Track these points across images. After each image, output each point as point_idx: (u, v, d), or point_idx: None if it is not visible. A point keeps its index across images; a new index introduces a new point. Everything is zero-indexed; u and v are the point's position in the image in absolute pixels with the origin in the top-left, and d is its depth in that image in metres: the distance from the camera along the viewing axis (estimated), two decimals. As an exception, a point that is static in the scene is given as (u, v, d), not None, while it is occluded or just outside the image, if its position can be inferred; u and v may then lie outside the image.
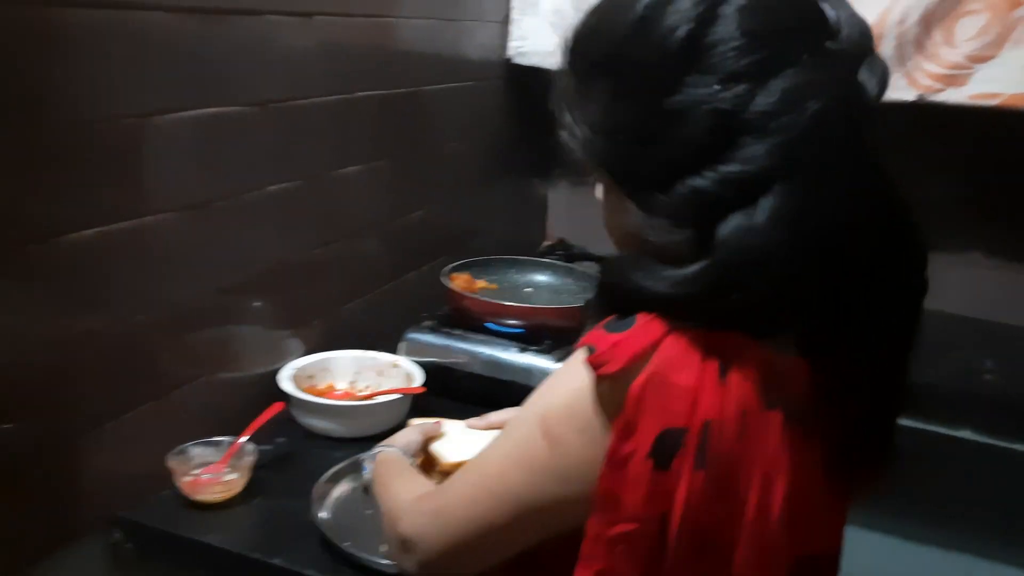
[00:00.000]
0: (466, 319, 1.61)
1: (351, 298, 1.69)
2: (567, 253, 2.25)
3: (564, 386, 0.74)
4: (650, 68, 0.69)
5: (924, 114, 1.86)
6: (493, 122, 2.20)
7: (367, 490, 1.15)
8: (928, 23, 1.79)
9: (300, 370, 1.51)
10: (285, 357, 1.52)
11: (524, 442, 0.76)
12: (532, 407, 0.78)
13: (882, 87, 0.70)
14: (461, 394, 1.58)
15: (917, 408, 1.81)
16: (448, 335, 1.58)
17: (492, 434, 0.98)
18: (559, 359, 1.50)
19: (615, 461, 0.70)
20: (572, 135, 0.76)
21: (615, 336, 0.71)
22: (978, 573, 2.09)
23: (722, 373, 0.69)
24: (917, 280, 0.76)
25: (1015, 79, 1.78)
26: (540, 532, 0.78)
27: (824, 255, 0.68)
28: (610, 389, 0.71)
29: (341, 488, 1.29)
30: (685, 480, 0.69)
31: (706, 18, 0.67)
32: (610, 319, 0.73)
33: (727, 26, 0.67)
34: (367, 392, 1.55)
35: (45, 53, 1.01)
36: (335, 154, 1.58)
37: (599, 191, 0.81)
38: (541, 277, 1.81)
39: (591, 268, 2.05)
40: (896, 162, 0.75)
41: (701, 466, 0.69)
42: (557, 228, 2.56)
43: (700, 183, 0.67)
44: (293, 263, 1.50)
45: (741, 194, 0.66)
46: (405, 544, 0.87)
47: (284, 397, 1.43)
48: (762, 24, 0.67)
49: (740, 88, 0.66)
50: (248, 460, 1.27)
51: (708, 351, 0.69)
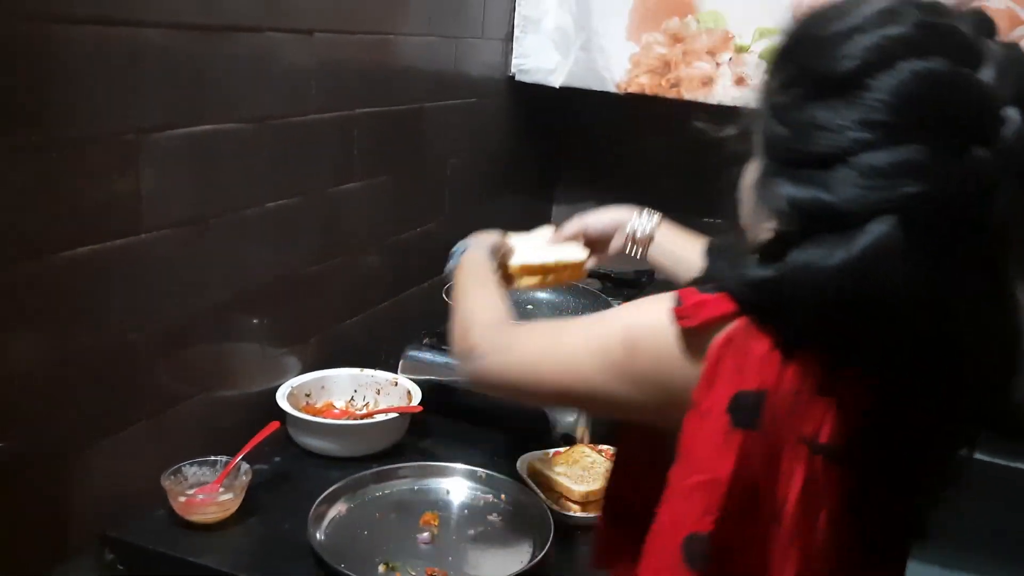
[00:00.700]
0: (465, 337, 1.59)
1: (350, 315, 1.68)
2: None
3: (650, 316, 0.80)
4: (809, 78, 0.73)
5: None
6: (495, 139, 2.20)
7: (447, 284, 1.28)
8: (930, 42, 1.79)
9: (297, 388, 1.50)
10: (282, 375, 1.51)
11: (604, 337, 0.83)
12: (621, 314, 0.89)
13: (1015, 210, 0.69)
14: (460, 413, 1.57)
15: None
16: (448, 353, 1.57)
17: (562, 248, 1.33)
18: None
19: (696, 415, 0.76)
20: (753, 107, 0.80)
21: (702, 296, 0.77)
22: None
23: (786, 360, 0.73)
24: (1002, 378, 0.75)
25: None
26: (577, 406, 0.99)
27: (886, 311, 0.69)
28: (687, 343, 0.77)
29: (338, 509, 1.27)
30: (750, 439, 0.74)
31: (878, 63, 0.69)
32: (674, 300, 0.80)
33: (888, 80, 0.69)
34: (365, 411, 1.54)
35: (42, 69, 1.00)
36: (335, 171, 1.57)
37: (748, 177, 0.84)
38: (542, 295, 1.80)
39: (593, 284, 2.04)
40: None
41: (757, 428, 0.74)
42: (558, 245, 2.55)
43: (798, 192, 0.71)
44: (291, 280, 1.49)
45: (824, 222, 0.70)
46: (470, 353, 0.97)
47: (281, 416, 1.42)
48: (917, 97, 0.68)
49: (863, 137, 0.69)
50: (244, 480, 1.26)
51: (787, 355, 0.74)
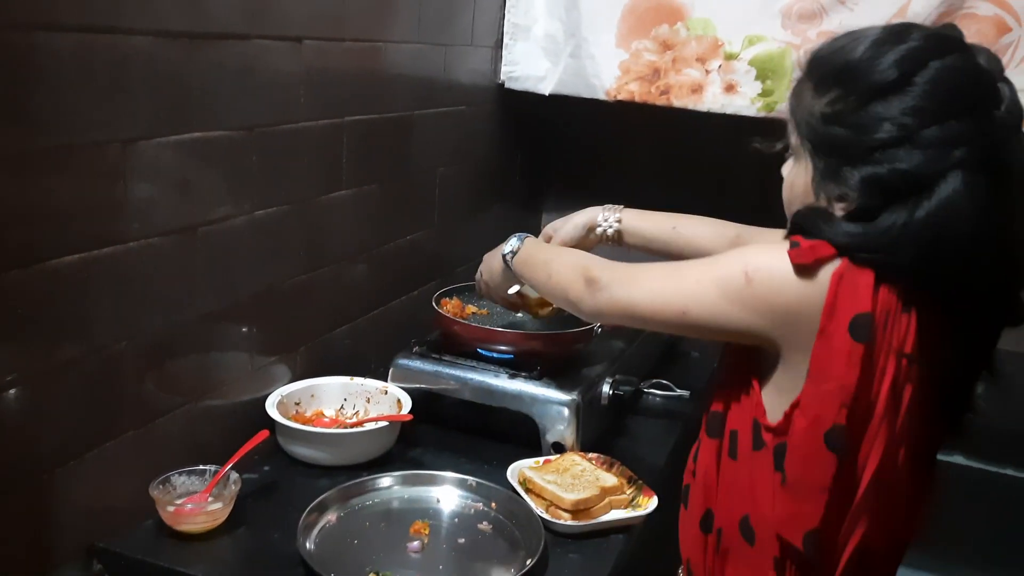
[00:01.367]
0: (456, 345, 1.59)
1: (339, 324, 1.67)
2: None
3: (767, 256, 0.98)
4: (859, 90, 0.96)
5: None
6: (484, 147, 2.20)
7: (507, 261, 1.43)
8: (918, 49, 1.80)
9: (287, 397, 1.49)
10: (272, 384, 1.50)
11: (725, 269, 1.00)
12: (737, 255, 1.02)
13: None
14: (451, 421, 1.57)
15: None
16: (438, 361, 1.57)
17: None
18: (550, 385, 1.48)
19: (824, 337, 0.94)
20: (797, 125, 1.03)
21: (811, 241, 0.96)
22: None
23: (877, 287, 0.94)
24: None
25: (1005, 104, 1.78)
26: (692, 330, 1.05)
27: (950, 244, 0.92)
28: (803, 275, 0.95)
29: (327, 518, 1.27)
30: (865, 351, 0.93)
31: (917, 63, 0.94)
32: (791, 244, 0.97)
33: (926, 74, 0.93)
34: (355, 419, 1.53)
35: (27, 77, 1.00)
36: (323, 179, 1.57)
37: (787, 167, 1.08)
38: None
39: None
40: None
41: (869, 341, 0.93)
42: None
43: (876, 170, 0.94)
44: (280, 289, 1.49)
45: (904, 186, 0.92)
46: (593, 283, 1.13)
47: (270, 425, 1.41)
48: (949, 83, 0.94)
49: (919, 119, 0.92)
50: (232, 489, 1.25)
51: (885, 287, 0.94)
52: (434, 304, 1.64)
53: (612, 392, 1.55)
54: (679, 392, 1.76)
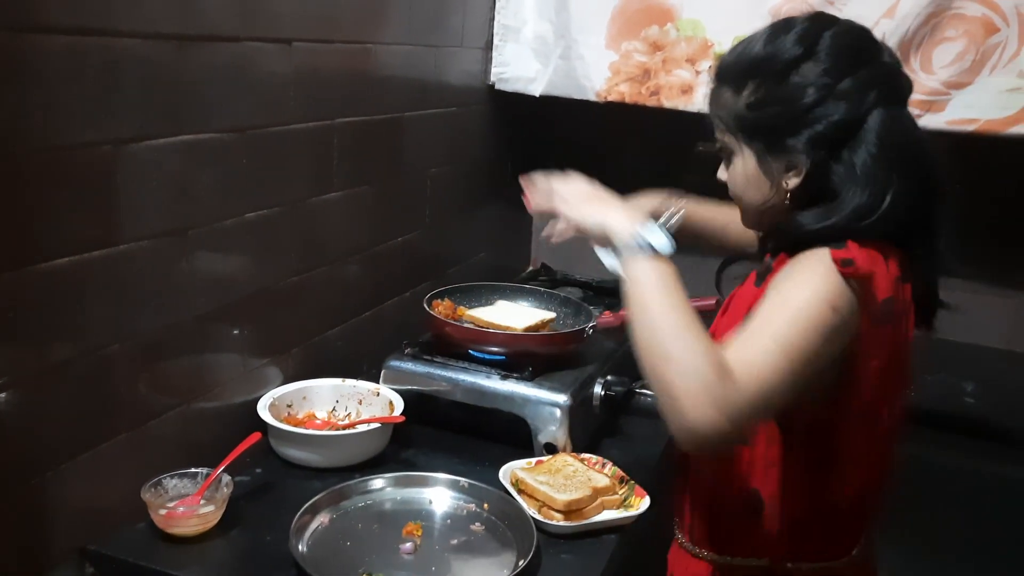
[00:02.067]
0: (448, 346, 1.59)
1: (331, 326, 1.67)
2: (550, 279, 2.24)
3: (830, 279, 1.04)
4: (772, 73, 1.09)
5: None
6: (475, 148, 2.20)
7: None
8: (907, 49, 1.81)
9: (279, 399, 1.49)
10: (263, 386, 1.50)
11: (818, 316, 1.03)
12: (811, 292, 1.04)
13: (909, 84, 1.15)
14: (443, 422, 1.57)
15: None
16: (430, 363, 1.57)
17: None
18: (541, 386, 1.49)
19: (868, 321, 1.06)
20: (726, 124, 1.14)
21: (850, 254, 1.04)
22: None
23: (886, 260, 1.08)
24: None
25: (991, 104, 1.79)
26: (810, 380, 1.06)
27: (905, 166, 1.07)
28: (855, 284, 1.04)
29: (320, 520, 1.27)
30: (891, 329, 1.10)
31: (814, 39, 1.08)
32: (834, 247, 1.05)
33: (827, 43, 1.08)
34: (347, 421, 1.53)
35: (18, 79, 0.99)
36: (315, 181, 1.57)
37: (723, 170, 1.19)
38: (524, 303, 1.80)
39: (574, 293, 2.04)
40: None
41: (892, 321, 1.09)
42: (540, 253, 2.55)
43: (815, 128, 1.07)
44: (271, 291, 1.48)
45: (841, 134, 1.07)
46: (725, 370, 1.00)
47: (262, 427, 1.41)
48: (845, 43, 1.09)
49: (833, 77, 1.07)
50: (225, 492, 1.25)
51: (878, 250, 1.07)
52: (426, 306, 1.64)
53: (604, 393, 1.56)
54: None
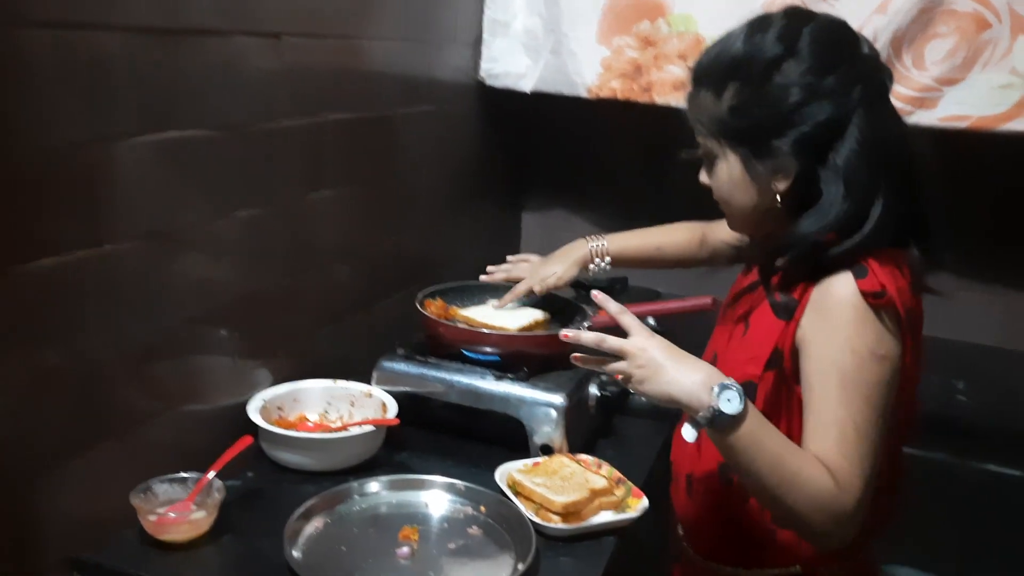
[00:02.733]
0: (441, 347, 1.57)
1: (322, 326, 1.65)
2: (541, 277, 2.22)
3: (868, 328, 1.04)
4: (754, 75, 1.07)
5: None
6: (466, 145, 2.18)
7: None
8: (899, 46, 1.80)
9: (269, 401, 1.47)
10: (254, 388, 1.48)
11: (875, 376, 1.03)
12: (859, 357, 1.03)
13: (889, 80, 1.14)
14: (437, 424, 1.55)
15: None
16: (423, 363, 1.54)
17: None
18: (537, 387, 1.47)
19: (907, 336, 1.06)
20: (708, 129, 1.12)
21: (876, 281, 1.03)
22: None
23: (900, 269, 1.07)
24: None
25: (983, 101, 1.79)
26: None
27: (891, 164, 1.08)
28: (890, 313, 1.04)
29: (314, 525, 1.24)
30: (914, 337, 1.10)
31: (793, 35, 1.07)
32: (855, 273, 1.05)
33: (807, 40, 1.06)
34: (340, 423, 1.51)
35: (3, 75, 0.96)
36: (305, 179, 1.54)
37: (705, 175, 1.18)
38: (517, 302, 1.77)
39: (567, 292, 2.02)
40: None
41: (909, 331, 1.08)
42: (530, 252, 2.53)
43: (802, 129, 1.06)
44: (262, 291, 1.46)
45: (828, 133, 1.06)
46: (833, 492, 0.99)
47: (253, 430, 1.38)
48: (826, 39, 1.08)
49: (817, 75, 1.05)
50: (216, 497, 1.22)
51: (891, 260, 1.07)
52: (418, 305, 1.62)
53: (600, 393, 1.54)
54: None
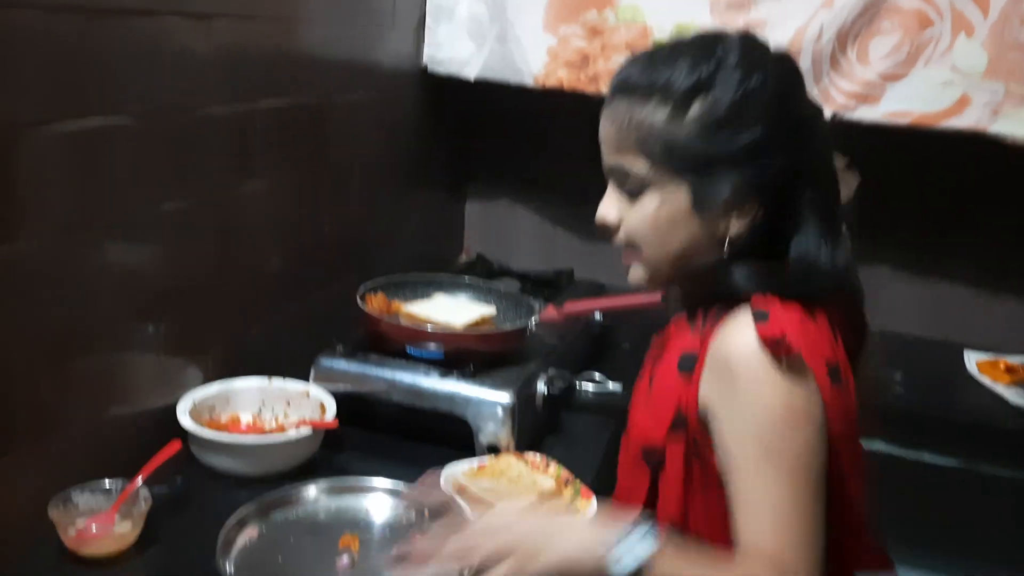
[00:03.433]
0: (383, 344, 1.52)
1: (254, 322, 1.58)
2: (486, 269, 2.18)
3: (778, 390, 0.91)
4: (733, 90, 0.96)
5: (837, 130, 1.87)
6: (407, 132, 2.12)
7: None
8: (843, 40, 1.80)
9: (200, 402, 1.40)
10: (182, 388, 1.41)
11: (796, 444, 0.92)
12: (776, 430, 0.92)
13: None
14: (379, 424, 1.50)
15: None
16: (363, 361, 1.49)
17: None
18: (483, 384, 1.43)
19: (825, 395, 0.94)
20: (647, 151, 0.98)
21: (776, 328, 0.91)
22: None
23: (814, 316, 0.98)
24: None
25: (925, 97, 1.81)
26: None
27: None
28: (796, 363, 0.92)
29: (248, 534, 1.18)
30: (840, 389, 0.97)
31: (758, 64, 0.98)
32: (755, 318, 0.93)
33: (772, 69, 0.99)
34: (275, 425, 1.44)
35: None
36: (235, 168, 1.47)
37: (614, 206, 1.03)
38: (462, 296, 1.73)
39: (511, 285, 1.98)
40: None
41: (837, 377, 0.98)
42: (473, 243, 2.50)
43: (765, 163, 0.96)
44: (188, 286, 1.39)
45: (790, 173, 0.98)
46: None
47: (182, 433, 1.32)
48: (785, 71, 1.01)
49: (779, 110, 0.98)
50: (142, 506, 1.16)
51: (805, 309, 0.98)
52: (359, 301, 1.56)
53: (547, 390, 1.51)
54: (612, 386, 1.73)
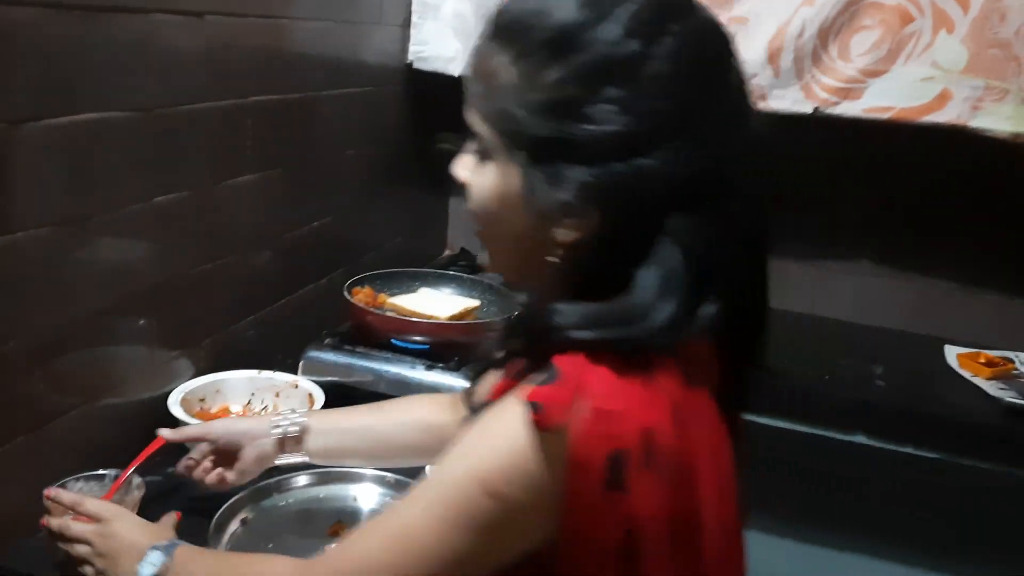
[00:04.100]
0: (370, 336, 1.54)
1: (244, 315, 1.60)
2: (470, 263, 2.20)
3: (504, 445, 0.72)
4: (606, 57, 0.72)
5: (819, 126, 1.90)
6: (392, 129, 2.14)
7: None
8: (825, 37, 1.83)
9: (190, 394, 1.41)
10: (173, 380, 1.42)
11: (464, 503, 0.73)
12: (464, 467, 0.75)
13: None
14: (365, 415, 1.52)
15: (809, 415, 1.86)
16: (351, 353, 1.51)
17: None
18: (467, 376, 1.45)
19: (576, 501, 0.71)
20: (495, 111, 0.76)
21: (549, 389, 0.71)
22: (867, 572, 2.15)
23: (646, 379, 0.72)
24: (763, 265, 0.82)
25: (906, 93, 1.83)
26: None
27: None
28: (556, 441, 0.70)
29: (239, 522, 1.21)
30: (644, 491, 0.71)
31: (651, 40, 0.72)
32: (536, 373, 0.73)
33: (672, 44, 0.72)
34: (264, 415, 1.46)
35: None
36: (224, 163, 1.49)
37: (468, 168, 0.82)
38: (447, 290, 1.76)
39: (496, 278, 2.00)
40: (791, 172, 0.78)
41: (655, 471, 0.71)
42: (456, 238, 2.51)
43: (659, 160, 0.71)
44: (179, 279, 1.40)
45: (645, 193, 0.72)
46: None
47: (174, 424, 1.33)
48: (700, 55, 0.74)
49: (678, 99, 0.72)
50: (136, 495, 1.17)
51: (630, 365, 0.72)
52: (346, 294, 1.59)
53: (531, 381, 1.53)
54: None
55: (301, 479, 1.30)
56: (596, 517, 0.71)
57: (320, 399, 1.44)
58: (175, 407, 1.36)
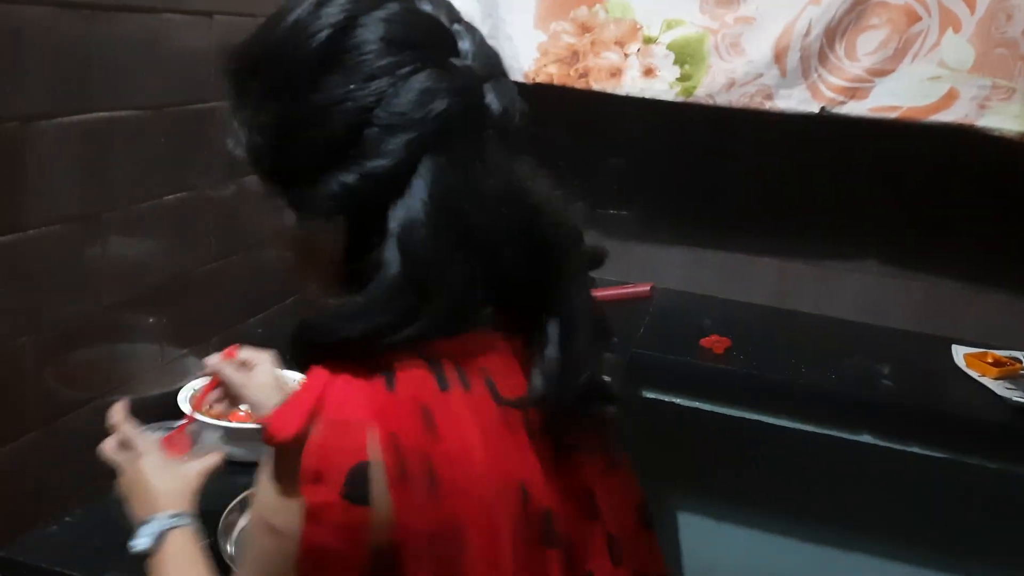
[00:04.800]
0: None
1: (253, 313, 1.61)
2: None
3: (265, 475, 0.72)
4: (294, 68, 0.73)
5: (827, 126, 1.90)
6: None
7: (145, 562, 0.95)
8: (832, 36, 1.83)
9: (200, 390, 1.42)
10: (184, 377, 1.44)
11: (258, 548, 0.74)
12: (253, 511, 0.77)
13: (507, 106, 0.77)
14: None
15: (816, 414, 1.85)
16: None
17: None
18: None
19: (313, 516, 0.68)
20: (236, 139, 0.79)
21: (284, 405, 0.70)
22: (875, 572, 2.15)
23: (389, 384, 0.70)
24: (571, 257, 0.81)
25: (913, 92, 1.83)
26: None
27: (472, 233, 0.72)
28: (292, 456, 0.68)
29: (249, 517, 1.21)
30: (393, 501, 0.68)
31: (347, 25, 0.72)
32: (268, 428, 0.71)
33: (366, 33, 0.71)
34: (273, 412, 1.47)
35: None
36: (234, 161, 1.49)
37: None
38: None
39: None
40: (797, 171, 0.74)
41: (402, 480, 0.68)
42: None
43: (346, 178, 0.71)
44: (190, 277, 1.42)
45: (386, 187, 0.71)
46: None
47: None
48: (397, 35, 0.72)
49: (374, 87, 0.70)
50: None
51: (371, 371, 0.70)
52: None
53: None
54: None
55: (310, 475, 1.30)
56: (341, 532, 0.68)
57: (328, 396, 1.45)
58: (185, 403, 1.37)
